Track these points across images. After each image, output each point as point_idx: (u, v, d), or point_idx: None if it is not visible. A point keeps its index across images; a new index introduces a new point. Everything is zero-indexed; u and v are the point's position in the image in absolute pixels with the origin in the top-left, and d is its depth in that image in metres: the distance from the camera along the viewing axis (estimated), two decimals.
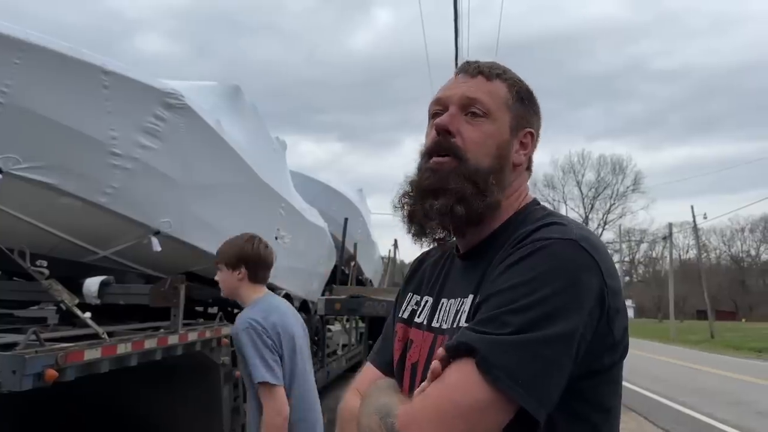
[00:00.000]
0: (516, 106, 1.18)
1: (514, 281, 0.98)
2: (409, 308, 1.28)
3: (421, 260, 1.37)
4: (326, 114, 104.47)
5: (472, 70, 1.19)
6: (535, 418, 0.91)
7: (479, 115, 1.14)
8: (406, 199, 1.18)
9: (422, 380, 1.14)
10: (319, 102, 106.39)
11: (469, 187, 1.10)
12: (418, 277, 1.33)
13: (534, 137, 1.22)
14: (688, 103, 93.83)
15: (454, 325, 1.11)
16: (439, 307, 1.20)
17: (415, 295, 1.30)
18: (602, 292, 0.99)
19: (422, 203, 1.13)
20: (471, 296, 1.10)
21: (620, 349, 1.06)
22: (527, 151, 1.21)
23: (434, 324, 1.18)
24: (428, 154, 1.16)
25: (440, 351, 0.98)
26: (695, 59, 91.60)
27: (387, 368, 1.27)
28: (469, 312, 1.08)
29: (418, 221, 1.16)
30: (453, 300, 1.17)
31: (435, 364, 0.97)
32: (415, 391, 1.00)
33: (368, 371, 1.31)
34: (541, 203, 1.22)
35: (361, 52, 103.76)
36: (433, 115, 1.18)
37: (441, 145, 1.14)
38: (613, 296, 1.01)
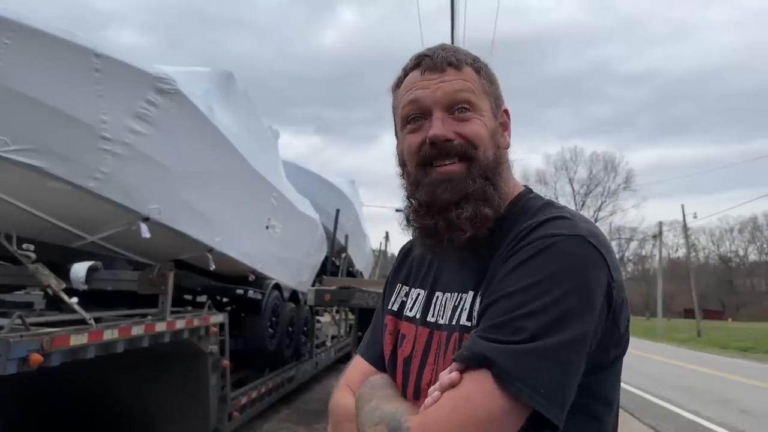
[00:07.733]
0: (489, 88, 1.13)
1: (524, 282, 0.95)
2: (399, 300, 1.25)
3: (408, 250, 1.31)
4: (302, 108, 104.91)
5: (438, 64, 1.10)
6: (554, 423, 0.89)
7: (467, 110, 1.09)
8: (419, 214, 1.11)
9: (417, 376, 1.11)
10: (294, 96, 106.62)
11: (486, 184, 1.07)
12: (406, 268, 1.28)
13: (509, 114, 1.18)
14: (655, 105, 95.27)
15: (453, 322, 1.08)
16: (434, 300, 1.16)
17: (404, 287, 1.26)
18: (610, 287, 0.98)
19: (444, 215, 1.06)
20: (471, 293, 1.07)
21: (624, 342, 1.05)
22: (508, 131, 1.17)
23: (429, 319, 1.14)
24: (425, 163, 1.09)
25: (454, 363, 0.95)
26: (658, 64, 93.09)
27: (378, 361, 1.23)
28: (470, 309, 1.05)
29: (442, 235, 1.08)
30: (449, 294, 1.13)
31: (453, 375, 0.93)
32: (426, 401, 0.96)
33: (359, 364, 1.26)
34: (534, 191, 1.18)
35: (332, 49, 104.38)
36: (410, 120, 1.12)
37: (443, 153, 1.07)
38: (619, 290, 1.00)
